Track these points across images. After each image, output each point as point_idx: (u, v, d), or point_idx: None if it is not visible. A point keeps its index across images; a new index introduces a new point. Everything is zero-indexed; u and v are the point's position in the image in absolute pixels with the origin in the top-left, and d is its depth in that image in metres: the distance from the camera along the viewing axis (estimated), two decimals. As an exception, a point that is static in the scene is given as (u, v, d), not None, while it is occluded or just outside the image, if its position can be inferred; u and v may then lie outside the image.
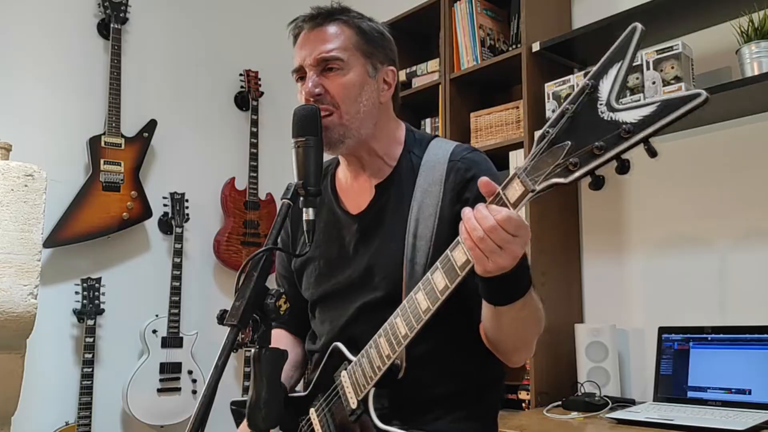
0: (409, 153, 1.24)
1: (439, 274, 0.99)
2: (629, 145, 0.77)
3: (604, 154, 0.78)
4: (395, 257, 1.15)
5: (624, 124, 0.77)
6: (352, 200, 1.27)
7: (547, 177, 0.84)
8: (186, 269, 3.07)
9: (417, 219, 1.15)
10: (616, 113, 0.78)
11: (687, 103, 0.73)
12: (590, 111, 0.81)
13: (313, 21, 1.22)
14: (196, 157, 3.26)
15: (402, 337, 1.04)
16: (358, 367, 1.13)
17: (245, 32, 3.50)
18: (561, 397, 2.16)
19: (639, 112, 0.76)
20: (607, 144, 0.78)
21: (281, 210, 1.03)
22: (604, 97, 0.80)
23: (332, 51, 1.18)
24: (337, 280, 1.25)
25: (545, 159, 0.85)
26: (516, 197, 0.88)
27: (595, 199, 2.41)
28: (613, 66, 0.80)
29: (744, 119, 2.06)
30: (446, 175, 1.16)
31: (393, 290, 1.12)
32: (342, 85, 1.18)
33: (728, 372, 1.88)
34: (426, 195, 1.16)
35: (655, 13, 2.06)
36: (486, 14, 2.62)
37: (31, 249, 1.91)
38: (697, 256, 2.14)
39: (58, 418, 2.72)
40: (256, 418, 0.89)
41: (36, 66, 2.83)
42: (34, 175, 1.97)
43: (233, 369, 3.27)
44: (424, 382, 1.14)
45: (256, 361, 0.91)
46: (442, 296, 0.98)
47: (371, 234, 1.22)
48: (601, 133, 0.79)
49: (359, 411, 1.12)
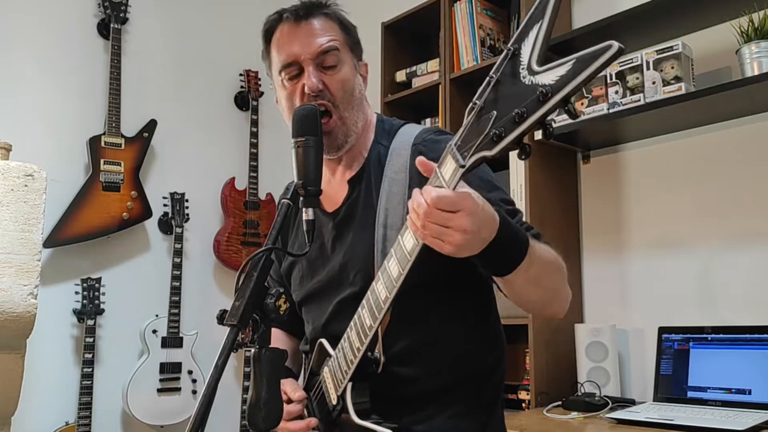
0: (378, 144, 1.22)
1: (394, 262, 0.97)
2: (548, 109, 0.72)
3: (526, 121, 0.74)
4: (367, 250, 1.13)
5: (542, 86, 0.72)
6: (329, 198, 1.24)
7: (476, 150, 0.80)
8: (186, 269, 3.07)
9: (386, 209, 1.12)
10: (536, 76, 0.74)
11: (600, 56, 0.68)
12: (513, 77, 0.77)
13: (296, 14, 1.17)
14: (196, 157, 3.26)
15: (368, 329, 1.03)
16: (335, 362, 1.12)
17: (245, 32, 3.49)
18: (561, 397, 2.16)
19: (555, 72, 0.71)
20: (528, 109, 0.73)
21: (281, 210, 1.03)
22: (525, 61, 0.76)
23: (330, 42, 1.15)
24: (318, 280, 1.24)
25: (473, 131, 0.81)
26: (449, 174, 0.84)
27: (595, 199, 2.41)
28: (533, 28, 0.76)
29: (744, 119, 2.06)
30: (410, 160, 1.12)
31: (367, 284, 1.08)
32: (340, 81, 1.16)
33: (728, 372, 1.88)
34: (393, 183, 1.13)
35: (655, 13, 2.06)
36: (486, 14, 2.62)
37: (31, 249, 1.91)
38: (698, 256, 2.14)
39: (58, 418, 2.72)
40: (256, 418, 0.89)
41: (36, 66, 2.83)
42: (34, 175, 1.97)
43: (233, 369, 3.27)
44: (408, 377, 1.12)
45: (256, 361, 0.91)
46: (397, 284, 0.96)
47: (345, 230, 1.20)
48: (522, 99, 0.74)
49: (339, 406, 1.11)
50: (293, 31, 1.17)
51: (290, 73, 1.17)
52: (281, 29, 1.19)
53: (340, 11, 1.21)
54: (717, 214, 2.11)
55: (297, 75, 1.16)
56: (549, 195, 2.32)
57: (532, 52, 0.75)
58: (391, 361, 1.11)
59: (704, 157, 2.15)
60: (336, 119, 1.15)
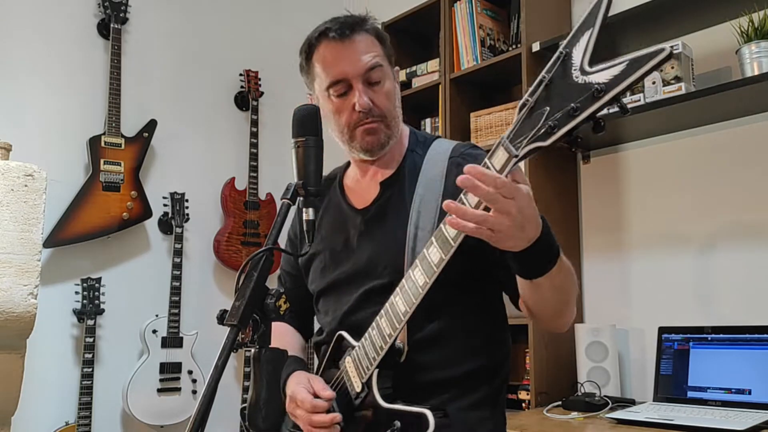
0: (413, 152, 1.31)
1: (435, 249, 1.02)
2: (603, 104, 0.81)
3: (580, 114, 0.82)
4: (398, 246, 1.19)
5: (596, 84, 0.81)
6: (359, 196, 1.33)
7: (529, 142, 0.87)
8: (186, 269, 3.07)
9: (419, 211, 1.20)
10: (588, 76, 0.82)
11: (653, 59, 0.77)
12: (565, 77, 0.85)
13: (341, 33, 1.22)
14: (196, 157, 3.26)
15: (402, 314, 1.08)
16: (361, 350, 1.16)
17: (245, 32, 3.50)
18: (561, 397, 2.16)
19: (610, 72, 0.80)
20: (582, 105, 0.82)
21: (281, 210, 1.03)
22: (578, 62, 0.84)
23: (374, 59, 1.23)
24: (341, 271, 1.29)
25: (526, 126, 0.88)
26: (501, 164, 0.91)
27: (595, 199, 2.42)
28: (584, 34, 0.85)
29: (744, 119, 2.06)
30: (447, 171, 1.22)
31: (395, 278, 1.14)
32: (385, 95, 1.24)
33: (728, 372, 1.88)
34: (427, 189, 1.21)
35: (655, 13, 2.06)
36: (486, 14, 2.62)
37: (31, 249, 1.91)
38: (698, 255, 2.14)
39: (58, 418, 2.72)
40: (255, 418, 0.89)
41: (36, 66, 2.83)
42: (34, 175, 1.97)
43: (233, 369, 3.27)
44: (428, 365, 1.17)
45: (256, 361, 0.91)
46: (438, 269, 1.01)
47: (374, 226, 1.27)
48: (576, 95, 0.83)
49: (363, 393, 1.15)
50: (339, 48, 1.22)
51: (338, 90, 1.23)
52: (326, 46, 1.24)
53: (376, 24, 1.28)
54: (717, 214, 2.11)
55: (345, 92, 1.23)
56: (549, 195, 2.32)
57: (584, 55, 0.84)
58: (413, 349, 1.16)
59: (704, 157, 2.15)
60: (382, 126, 1.24)
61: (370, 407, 1.14)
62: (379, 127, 1.24)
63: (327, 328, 1.31)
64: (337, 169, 1.44)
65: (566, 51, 0.86)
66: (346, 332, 1.23)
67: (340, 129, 1.25)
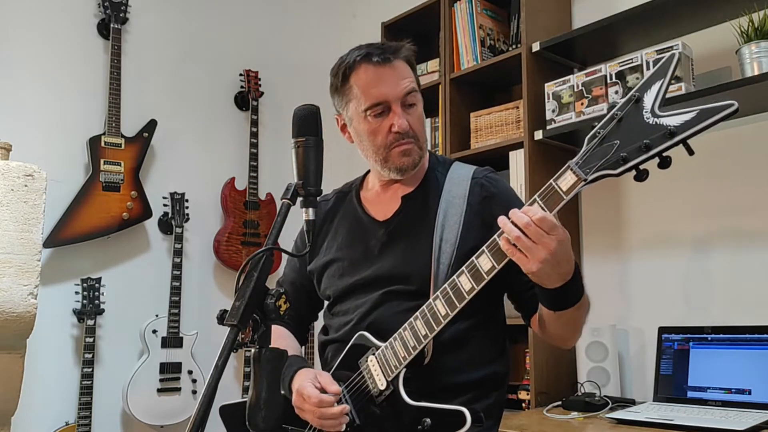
0: (434, 171, 1.39)
1: (485, 257, 1.11)
2: (673, 143, 0.93)
3: (650, 150, 0.94)
4: (423, 256, 1.26)
5: (669, 126, 0.93)
6: (379, 209, 1.39)
7: (599, 169, 0.99)
8: (186, 269, 3.07)
9: (443, 225, 1.28)
10: (660, 118, 0.95)
11: (721, 111, 0.89)
12: (636, 116, 0.97)
13: (384, 57, 1.30)
14: (196, 157, 3.26)
15: (442, 317, 1.14)
16: (388, 350, 1.21)
17: (245, 32, 3.50)
18: (561, 397, 2.16)
19: (681, 117, 0.93)
20: (653, 142, 0.94)
21: (281, 210, 1.04)
22: (649, 106, 0.97)
23: (410, 84, 1.32)
24: (363, 276, 1.33)
25: (596, 154, 1.00)
26: (568, 186, 1.03)
27: (595, 199, 2.41)
28: (655, 82, 0.97)
29: (744, 119, 2.06)
30: (470, 190, 1.32)
31: (420, 284, 1.23)
32: (418, 117, 1.34)
33: (728, 372, 1.88)
34: (450, 206, 1.30)
35: (655, 13, 2.06)
36: (486, 14, 2.62)
37: (31, 249, 1.91)
38: (697, 256, 2.14)
39: (58, 418, 2.72)
40: (255, 418, 0.89)
41: (36, 66, 2.83)
42: (34, 175, 1.97)
43: (233, 369, 3.27)
44: (450, 368, 1.23)
45: (256, 361, 0.91)
46: (488, 276, 1.10)
47: (397, 237, 1.33)
48: (646, 134, 0.95)
49: (388, 391, 1.19)
50: (380, 72, 1.30)
51: (377, 111, 1.30)
52: (366, 69, 1.30)
53: (410, 51, 1.37)
54: (717, 214, 2.11)
55: (381, 113, 1.30)
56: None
57: (655, 100, 0.96)
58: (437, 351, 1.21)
59: (704, 158, 2.15)
60: (416, 148, 1.33)
61: (395, 405, 1.18)
62: (413, 148, 1.31)
63: (345, 327, 1.33)
64: (349, 184, 1.50)
65: (638, 94, 0.98)
66: (367, 333, 1.27)
67: (376, 149, 1.32)
